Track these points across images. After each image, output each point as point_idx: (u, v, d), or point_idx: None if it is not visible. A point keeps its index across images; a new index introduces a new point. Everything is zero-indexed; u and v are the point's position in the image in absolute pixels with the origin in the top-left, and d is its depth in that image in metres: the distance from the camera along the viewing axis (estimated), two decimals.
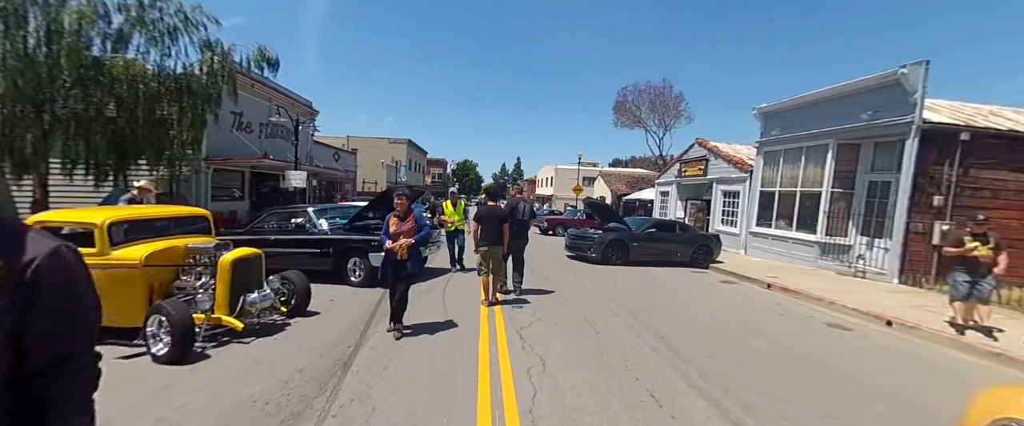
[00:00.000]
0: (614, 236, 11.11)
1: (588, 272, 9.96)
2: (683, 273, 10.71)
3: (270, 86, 18.08)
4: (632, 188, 30.90)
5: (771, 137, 13.77)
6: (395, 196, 5.28)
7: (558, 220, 21.05)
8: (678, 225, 12.13)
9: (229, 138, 15.52)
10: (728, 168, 16.11)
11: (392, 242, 5.01)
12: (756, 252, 13.91)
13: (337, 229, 7.83)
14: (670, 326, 5.69)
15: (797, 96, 12.97)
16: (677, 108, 29.48)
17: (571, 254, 11.96)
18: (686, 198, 19.77)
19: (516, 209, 7.53)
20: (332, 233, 7.71)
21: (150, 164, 12.44)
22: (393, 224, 5.13)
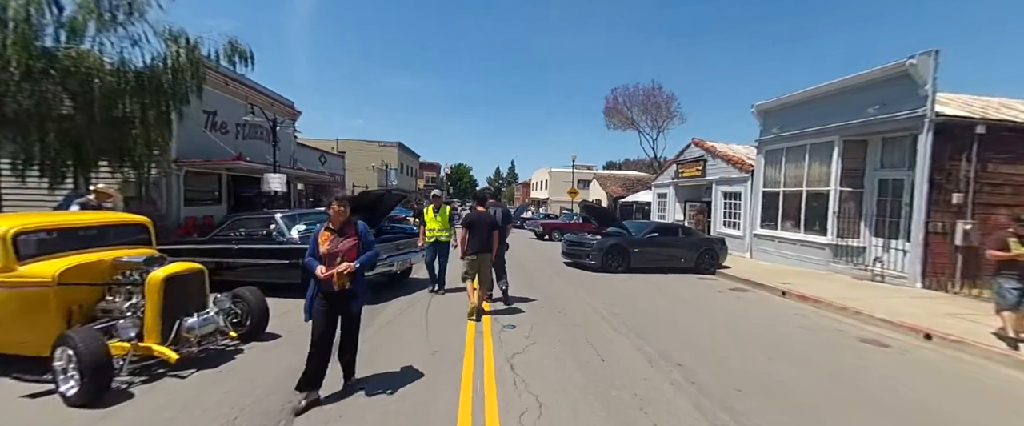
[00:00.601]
0: (614, 241, 10.37)
1: (587, 281, 9.20)
2: (689, 280, 9.99)
3: (247, 84, 17.18)
4: (628, 191, 30.29)
5: (772, 135, 13.15)
6: (333, 201, 3.63)
7: (553, 224, 20.31)
8: (681, 229, 11.44)
9: (203, 139, 14.59)
10: (727, 168, 15.49)
11: (324, 268, 3.38)
12: (762, 255, 13.25)
13: (308, 237, 6.97)
14: (686, 349, 4.93)
15: (797, 92, 12.37)
16: (669, 108, 29.03)
17: (568, 261, 11.21)
18: (685, 200, 19.14)
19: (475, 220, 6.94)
20: (302, 242, 6.86)
21: (112, 165, 11.53)
22: (325, 241, 3.52)
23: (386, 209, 8.18)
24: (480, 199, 6.91)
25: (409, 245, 7.64)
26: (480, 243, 6.16)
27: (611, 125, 30.92)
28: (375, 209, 7.77)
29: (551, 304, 6.94)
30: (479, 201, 6.85)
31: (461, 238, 6.27)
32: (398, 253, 7.31)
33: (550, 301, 7.18)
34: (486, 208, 6.70)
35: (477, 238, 6.16)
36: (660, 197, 20.95)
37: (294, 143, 22.18)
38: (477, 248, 6.13)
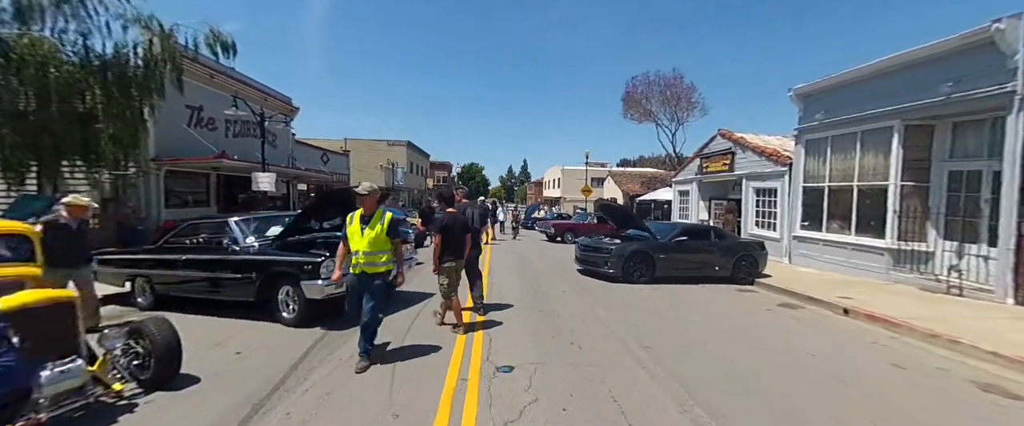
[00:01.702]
0: (636, 247, 8.94)
1: (605, 294, 7.80)
2: (726, 293, 8.51)
3: (238, 78, 16.17)
4: (646, 188, 28.67)
5: (814, 122, 11.53)
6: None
7: (566, 225, 18.91)
8: (713, 231, 9.94)
9: (187, 136, 13.60)
10: (760, 162, 13.87)
11: None
12: (804, 260, 11.65)
13: (265, 247, 5.74)
14: (743, 402, 3.54)
15: (847, 70, 10.72)
16: (689, 99, 27.21)
17: (582, 268, 9.82)
18: (710, 197, 17.54)
19: (465, 215, 6.18)
20: (256, 252, 5.63)
21: (83, 165, 10.58)
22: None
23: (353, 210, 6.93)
24: (446, 198, 5.89)
25: None
26: (457, 248, 5.46)
27: (628, 116, 29.29)
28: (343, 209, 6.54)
29: (561, 329, 5.57)
30: (445, 201, 5.81)
31: (436, 245, 5.44)
32: None
33: (559, 324, 5.81)
34: (455, 209, 5.77)
35: (454, 244, 5.44)
36: (682, 195, 19.35)
37: (292, 141, 21.21)
38: (454, 253, 5.40)
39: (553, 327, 5.60)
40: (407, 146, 47.44)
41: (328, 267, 5.18)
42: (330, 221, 6.59)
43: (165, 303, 6.23)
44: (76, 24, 9.29)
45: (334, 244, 6.14)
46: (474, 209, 6.71)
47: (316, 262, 5.14)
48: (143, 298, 6.45)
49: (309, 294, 5.13)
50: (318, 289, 5.10)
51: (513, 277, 9.26)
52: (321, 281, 5.10)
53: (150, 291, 6.35)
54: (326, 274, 5.17)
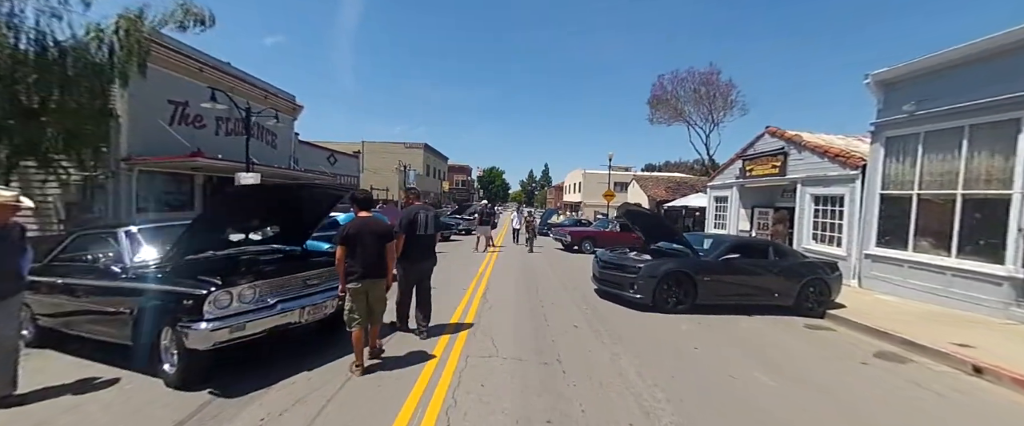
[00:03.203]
0: (671, 265, 6.97)
1: (632, 332, 5.85)
2: (795, 332, 6.45)
3: (231, 73, 15.01)
4: (674, 194, 26.33)
5: (900, 115, 9.28)
6: None
7: (585, 233, 16.92)
8: (772, 247, 7.83)
9: (167, 133, 12.41)
10: (820, 164, 11.63)
11: None
12: (879, 284, 9.40)
13: (145, 271, 4.05)
14: None
15: (950, 49, 8.47)
16: (726, 98, 24.69)
17: (601, 289, 7.87)
18: (752, 205, 15.27)
19: (416, 221, 5.31)
20: (133, 277, 3.99)
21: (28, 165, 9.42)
22: None
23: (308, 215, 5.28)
24: (359, 201, 4.52)
25: (325, 279, 4.60)
26: (367, 264, 4.21)
27: (655, 118, 27.00)
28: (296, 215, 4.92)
29: (565, 406, 3.69)
30: (359, 204, 4.48)
31: (339, 258, 4.17)
32: (302, 295, 4.30)
33: (565, 380, 3.96)
34: (370, 212, 4.52)
35: (363, 257, 4.18)
36: (718, 201, 17.10)
37: (295, 141, 20.04)
38: (362, 271, 4.17)
39: (552, 400, 3.72)
40: (424, 148, 46.37)
41: (219, 302, 3.51)
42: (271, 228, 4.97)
43: (62, 339, 4.68)
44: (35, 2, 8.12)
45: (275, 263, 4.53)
46: (427, 212, 5.45)
47: (197, 295, 3.46)
48: (27, 331, 4.94)
49: (190, 342, 3.45)
50: (202, 335, 3.43)
51: (512, 299, 7.44)
52: (206, 323, 3.43)
53: (31, 323, 4.83)
54: (218, 313, 3.50)
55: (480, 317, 6.12)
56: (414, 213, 5.33)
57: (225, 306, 3.54)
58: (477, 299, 7.30)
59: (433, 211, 5.66)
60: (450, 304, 6.90)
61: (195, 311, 3.44)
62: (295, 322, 4.07)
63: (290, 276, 4.16)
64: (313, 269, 4.48)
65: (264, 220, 4.83)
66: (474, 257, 13.37)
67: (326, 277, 4.63)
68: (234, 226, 4.53)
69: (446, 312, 6.42)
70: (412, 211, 5.34)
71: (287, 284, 4.12)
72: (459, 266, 11.29)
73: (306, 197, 5.09)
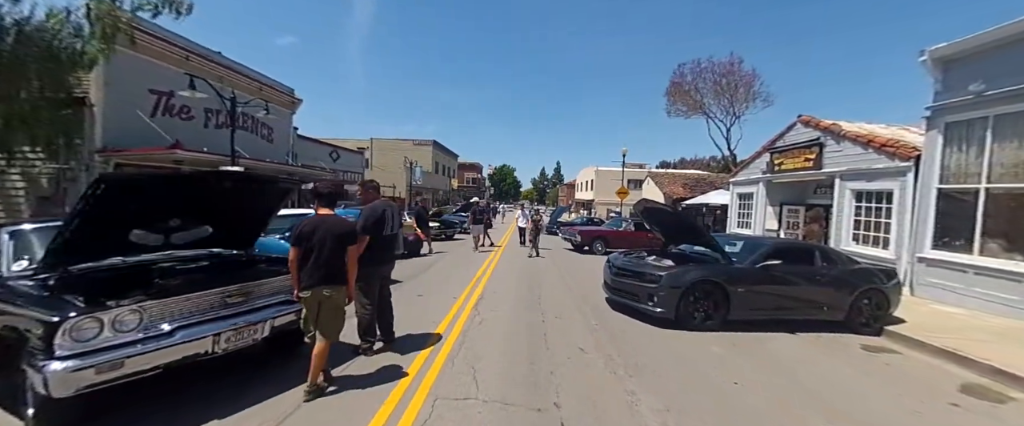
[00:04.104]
0: (699, 274, 5.84)
1: (653, 359, 4.76)
2: (852, 357, 5.29)
3: (222, 63, 14.24)
4: (692, 191, 24.93)
5: (965, 97, 7.98)
6: None
7: (596, 232, 15.76)
8: (819, 251, 6.62)
9: (156, 126, 11.66)
10: (863, 156, 10.32)
11: None
12: (937, 293, 8.12)
13: (17, 285, 3.11)
14: None
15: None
16: (749, 88, 23.14)
17: (614, 298, 6.75)
18: (781, 202, 13.95)
19: (383, 220, 4.42)
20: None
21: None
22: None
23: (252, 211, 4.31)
24: (322, 196, 3.78)
25: (258, 294, 3.62)
26: (325, 269, 3.50)
27: (673, 110, 25.57)
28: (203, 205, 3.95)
29: None
30: (322, 199, 3.76)
31: (291, 261, 3.50)
32: (219, 316, 3.30)
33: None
34: (331, 210, 3.77)
35: (318, 261, 3.49)
36: (742, 198, 15.78)
37: (293, 136, 19.28)
38: (318, 278, 3.48)
39: None
40: (433, 145, 45.55)
41: (80, 333, 2.54)
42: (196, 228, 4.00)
43: None
44: None
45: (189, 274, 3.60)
46: (392, 209, 4.58)
47: (48, 323, 2.49)
48: None
49: (41, 387, 2.48)
50: (57, 379, 2.46)
51: (508, 311, 6.39)
52: (60, 362, 2.46)
53: None
54: (77, 347, 2.54)
55: (466, 335, 5.09)
56: (381, 210, 4.35)
57: (90, 337, 2.58)
58: (468, 309, 6.28)
59: (396, 207, 4.66)
60: (434, 315, 5.89)
61: (45, 345, 2.47)
62: (206, 353, 3.09)
63: (199, 293, 3.16)
64: (243, 281, 3.49)
65: (189, 217, 3.86)
66: (474, 258, 12.36)
67: (263, 291, 3.65)
68: (144, 224, 3.56)
69: (427, 324, 5.42)
70: (378, 208, 4.35)
71: (195, 303, 3.13)
72: (456, 268, 10.30)
73: (240, 189, 4.10)
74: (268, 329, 3.52)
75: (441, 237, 17.36)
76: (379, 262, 4.34)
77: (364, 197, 4.49)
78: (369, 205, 4.35)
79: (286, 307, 3.74)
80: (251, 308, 3.48)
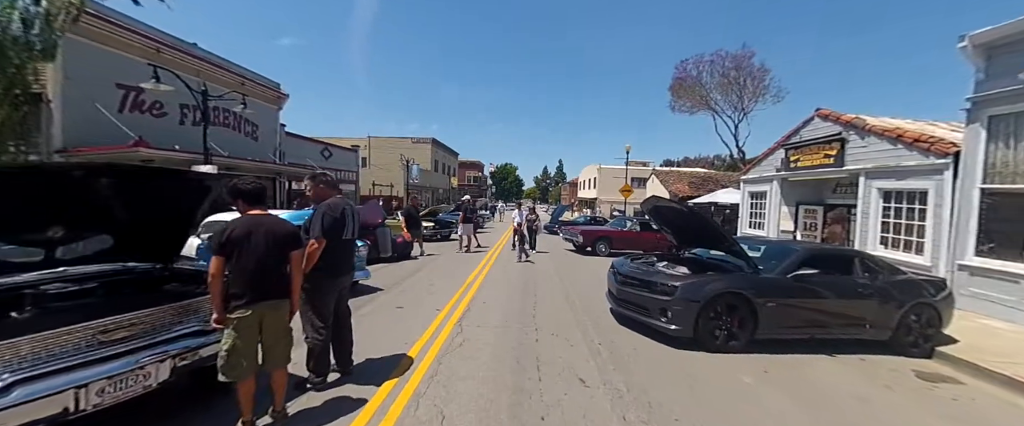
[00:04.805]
0: (720, 284, 4.96)
1: (667, 392, 3.88)
2: (903, 383, 4.43)
3: (197, 55, 13.39)
4: (698, 189, 24.03)
5: (1013, 86, 7.08)
6: None
7: (598, 232, 14.87)
8: (859, 258, 5.72)
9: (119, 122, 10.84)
10: (893, 152, 9.42)
11: None
12: (983, 306, 7.23)
13: None
14: None
15: None
16: (759, 83, 22.18)
17: (619, 310, 5.86)
18: (797, 202, 13.04)
19: (343, 220, 3.52)
20: None
21: None
22: None
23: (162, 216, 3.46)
24: (244, 193, 2.93)
25: (153, 326, 2.76)
26: (258, 280, 2.77)
27: (677, 107, 24.63)
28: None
29: None
30: (246, 198, 2.93)
31: (213, 273, 2.70)
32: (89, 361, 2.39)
33: None
34: (265, 209, 3.02)
35: (251, 272, 2.75)
36: (754, 198, 14.87)
37: (281, 133, 18.45)
38: (252, 292, 2.74)
39: None
40: (432, 143, 44.74)
41: None
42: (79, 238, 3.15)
43: None
44: None
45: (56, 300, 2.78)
46: (350, 208, 3.70)
47: None
48: None
49: None
50: None
51: (497, 326, 5.52)
52: None
53: None
54: None
55: (442, 361, 4.22)
56: (340, 209, 3.50)
57: None
58: (450, 325, 5.42)
59: (355, 207, 3.80)
60: (410, 332, 5.04)
61: None
62: (69, 411, 2.23)
63: (56, 331, 2.29)
64: (131, 308, 2.64)
65: (79, 224, 3.02)
66: (467, 261, 11.49)
67: (163, 320, 2.80)
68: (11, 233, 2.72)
69: (399, 344, 4.57)
70: (336, 207, 3.49)
71: (48, 344, 2.27)
72: (446, 273, 9.43)
73: (141, 188, 3.24)
74: (169, 371, 2.67)
75: (436, 237, 16.53)
76: (336, 272, 3.50)
77: (316, 193, 3.62)
78: (326, 202, 3.49)
79: (200, 339, 2.89)
80: (142, 345, 2.62)
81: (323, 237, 3.28)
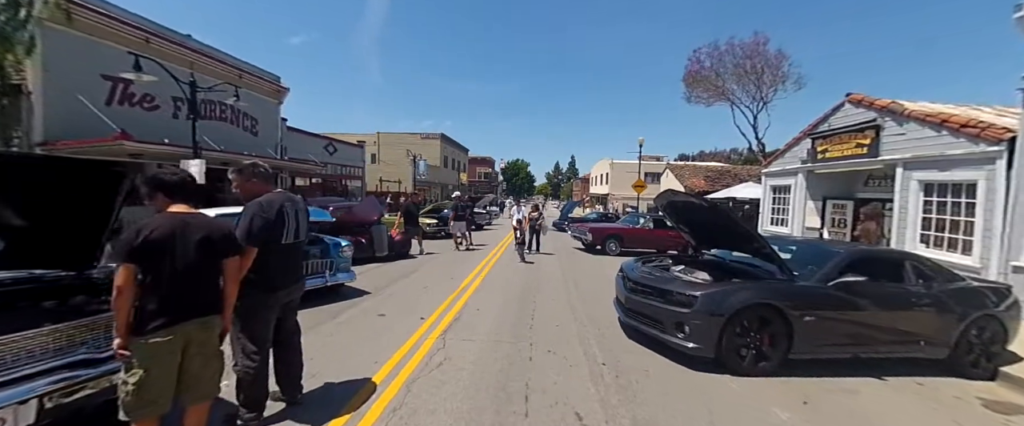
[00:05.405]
0: (749, 293, 4.20)
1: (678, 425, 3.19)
2: (973, 415, 3.66)
3: (191, 47, 12.94)
4: (715, 184, 23.02)
5: None
6: None
7: (608, 230, 14.09)
8: (911, 262, 4.90)
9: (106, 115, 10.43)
10: (937, 139, 8.48)
11: None
12: None
13: None
14: None
15: None
16: (777, 71, 20.98)
17: (629, 322, 5.13)
18: (824, 196, 12.10)
19: (282, 219, 2.89)
20: None
21: None
22: None
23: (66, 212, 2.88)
24: (158, 184, 2.34)
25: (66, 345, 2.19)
26: (191, 293, 2.28)
27: (692, 98, 23.55)
28: None
29: None
30: (169, 190, 2.35)
31: (120, 285, 2.06)
32: None
33: None
34: (193, 207, 2.41)
35: (177, 283, 2.22)
36: (776, 192, 13.93)
37: (282, 128, 18.02)
38: (182, 309, 2.23)
39: None
40: (441, 139, 44.19)
41: None
42: None
43: None
44: None
45: None
46: (294, 204, 3.01)
47: None
48: None
49: None
50: None
51: (487, 339, 4.86)
52: None
53: None
54: None
55: (412, 387, 3.56)
56: (276, 208, 2.84)
57: None
58: (432, 338, 4.77)
59: (302, 202, 3.14)
60: (385, 347, 4.40)
61: None
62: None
63: None
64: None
65: None
66: (466, 261, 10.84)
67: (43, 345, 2.21)
68: None
69: (366, 365, 3.93)
70: (270, 205, 2.83)
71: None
72: (441, 275, 8.80)
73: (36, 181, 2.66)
74: (33, 413, 2.07)
75: (440, 235, 15.94)
76: (272, 286, 2.85)
77: (243, 188, 2.96)
78: (256, 201, 2.84)
79: (88, 369, 2.30)
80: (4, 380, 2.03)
81: (250, 244, 2.65)
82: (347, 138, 28.00)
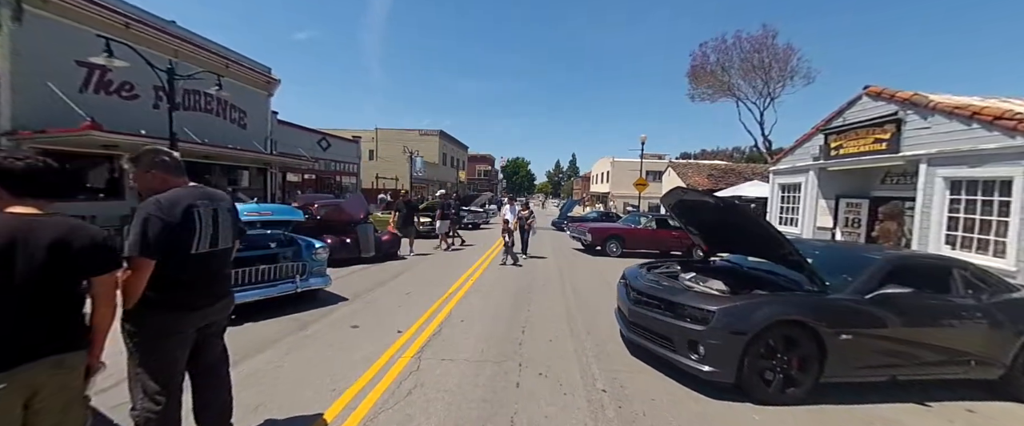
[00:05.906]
0: (776, 307, 3.59)
1: None
2: None
3: (174, 34, 12.31)
4: (719, 183, 22.35)
5: None
6: None
7: (609, 230, 13.47)
8: (958, 270, 4.30)
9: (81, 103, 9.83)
10: (966, 133, 7.85)
11: None
12: None
13: None
14: None
15: None
16: (786, 65, 20.27)
17: (633, 337, 4.51)
18: (837, 195, 11.48)
19: (189, 222, 2.20)
20: None
21: None
22: None
23: None
24: (17, 178, 1.69)
25: None
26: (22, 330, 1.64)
27: (696, 94, 22.87)
28: None
29: None
30: (15, 185, 1.70)
31: None
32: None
33: None
34: (44, 208, 1.77)
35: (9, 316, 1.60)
36: (785, 190, 13.29)
37: (273, 121, 17.40)
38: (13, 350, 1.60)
39: None
40: (440, 135, 43.54)
41: None
42: None
43: None
44: None
45: None
46: (212, 203, 2.35)
47: None
48: None
49: None
50: None
51: (470, 358, 4.25)
52: None
53: None
54: None
55: (376, 420, 2.97)
56: (183, 208, 2.19)
57: None
58: (406, 357, 4.16)
59: (227, 201, 2.51)
60: (349, 369, 3.79)
61: None
62: None
63: None
64: None
65: None
66: (458, 262, 10.23)
67: None
68: None
69: (322, 394, 3.32)
70: (174, 204, 2.15)
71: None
72: (429, 279, 8.19)
73: None
74: None
75: (435, 234, 15.34)
76: (180, 306, 2.21)
77: (141, 182, 2.33)
78: (153, 199, 2.21)
79: None
80: None
81: (144, 255, 2.03)
82: (344, 134, 27.41)
